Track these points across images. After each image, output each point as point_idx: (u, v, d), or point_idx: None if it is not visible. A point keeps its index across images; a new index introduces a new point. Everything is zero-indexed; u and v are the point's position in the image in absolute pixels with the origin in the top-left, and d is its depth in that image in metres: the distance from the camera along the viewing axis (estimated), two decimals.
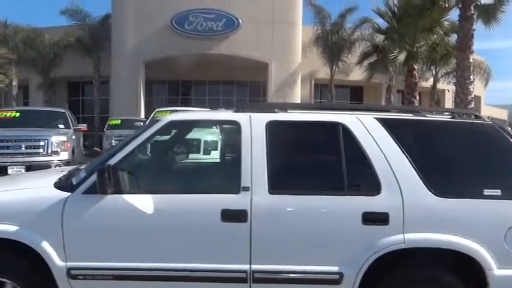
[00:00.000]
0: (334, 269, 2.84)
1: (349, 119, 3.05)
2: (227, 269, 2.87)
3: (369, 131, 3.00)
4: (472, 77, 12.17)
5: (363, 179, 2.96)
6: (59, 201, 2.91)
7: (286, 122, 3.10)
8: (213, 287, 2.93)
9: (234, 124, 3.08)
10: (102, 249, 2.91)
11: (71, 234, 2.89)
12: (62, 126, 10.40)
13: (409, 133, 3.07)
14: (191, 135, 5.33)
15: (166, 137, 3.75)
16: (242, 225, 2.84)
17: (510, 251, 2.82)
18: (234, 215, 2.84)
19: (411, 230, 2.83)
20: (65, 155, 9.33)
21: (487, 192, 2.88)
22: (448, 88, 26.24)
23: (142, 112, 21.61)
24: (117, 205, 2.89)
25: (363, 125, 3.02)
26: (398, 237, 2.82)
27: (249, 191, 2.88)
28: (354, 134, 2.99)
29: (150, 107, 21.43)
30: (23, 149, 8.96)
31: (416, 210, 2.85)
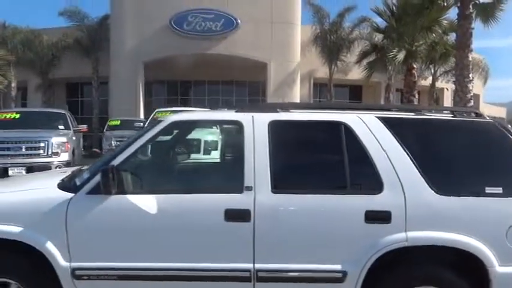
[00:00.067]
0: (337, 267, 2.86)
1: (351, 118, 3.06)
2: (231, 268, 2.88)
3: (370, 130, 3.01)
4: (471, 75, 12.20)
5: (365, 177, 2.98)
6: (62, 202, 2.92)
7: (288, 121, 3.12)
8: (217, 287, 2.94)
9: (236, 124, 3.10)
10: (107, 249, 2.92)
11: (75, 235, 2.90)
12: (62, 127, 10.40)
13: (410, 132, 3.08)
14: (191, 136, 5.34)
15: (168, 137, 3.76)
16: (245, 224, 2.86)
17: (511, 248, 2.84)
18: (237, 215, 2.86)
19: (413, 228, 2.84)
20: (65, 156, 9.34)
21: (489, 190, 2.89)
22: (446, 87, 26.26)
23: (142, 113, 21.60)
24: (121, 205, 2.90)
25: (365, 124, 3.03)
26: (401, 235, 2.84)
27: (252, 190, 2.89)
28: (356, 133, 3.00)
29: (149, 108, 21.43)
30: (24, 150, 8.96)
31: (418, 208, 2.86)
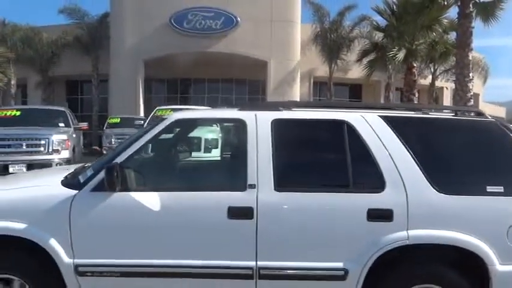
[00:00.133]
0: (339, 265, 2.88)
1: (353, 117, 3.08)
2: (233, 265, 2.89)
3: (373, 128, 3.03)
4: (471, 74, 12.22)
5: (367, 176, 2.99)
6: (66, 199, 2.93)
7: (291, 120, 3.14)
8: (219, 284, 2.96)
9: (239, 122, 3.10)
10: (110, 246, 2.94)
11: (79, 232, 2.91)
12: (62, 124, 10.41)
13: (412, 131, 3.10)
14: (192, 134, 5.35)
15: (169, 135, 3.77)
16: (248, 222, 2.87)
17: None
18: (240, 212, 2.87)
19: (415, 227, 2.86)
20: (65, 154, 9.34)
21: (490, 189, 2.91)
22: (446, 85, 26.27)
23: (142, 110, 21.59)
24: (125, 202, 2.91)
25: (368, 123, 3.05)
26: (403, 233, 2.85)
27: (255, 188, 2.90)
28: (358, 132, 3.02)
29: (149, 106, 21.43)
30: (24, 147, 8.96)
31: (420, 207, 2.88)
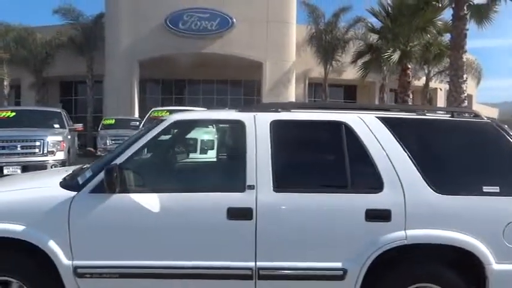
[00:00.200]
0: (338, 265, 2.90)
1: (351, 118, 3.10)
2: (233, 266, 2.90)
3: (371, 129, 3.05)
4: (465, 76, 12.31)
5: (365, 176, 3.02)
6: (65, 200, 2.93)
7: (290, 121, 3.15)
8: (218, 285, 2.97)
9: (238, 123, 3.12)
10: (109, 247, 2.94)
11: (78, 233, 2.91)
12: (57, 126, 10.35)
13: (410, 132, 3.13)
14: (188, 135, 5.34)
15: (166, 136, 3.77)
16: (247, 223, 2.89)
17: (508, 246, 2.89)
18: (239, 213, 2.89)
19: (413, 227, 2.89)
20: (60, 155, 9.31)
21: (486, 189, 2.95)
22: (440, 87, 26.44)
23: (136, 111, 21.53)
24: (124, 204, 2.92)
25: (365, 124, 3.07)
26: (400, 233, 2.88)
27: (254, 189, 2.92)
28: (356, 133, 3.04)
29: (143, 106, 21.38)
30: (19, 149, 8.92)
31: (417, 207, 2.91)
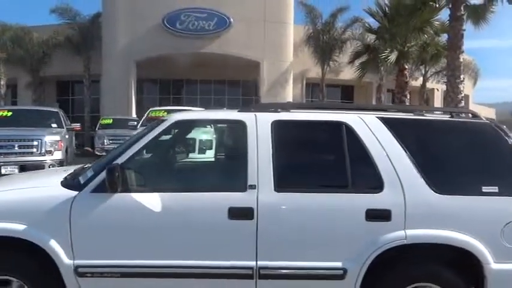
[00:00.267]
0: (338, 264, 2.92)
1: (352, 119, 3.12)
2: (234, 265, 2.92)
3: (371, 130, 3.07)
4: (462, 76, 12.36)
5: (366, 177, 3.04)
6: (66, 200, 2.93)
7: (291, 121, 3.17)
8: (219, 284, 2.98)
9: (239, 124, 3.13)
10: (111, 247, 2.94)
11: (79, 233, 2.92)
12: (55, 125, 10.35)
13: (410, 132, 3.15)
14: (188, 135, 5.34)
15: (169, 136, 3.78)
16: (249, 222, 2.90)
17: (506, 246, 2.92)
18: (240, 213, 2.90)
19: (412, 226, 2.91)
20: (58, 155, 9.30)
21: (485, 189, 2.97)
22: (437, 87, 26.53)
23: (134, 111, 21.49)
24: (126, 203, 2.92)
25: (366, 124, 3.09)
26: (400, 233, 2.90)
27: (256, 189, 2.93)
28: (357, 133, 3.06)
29: (140, 106, 21.35)
30: (16, 148, 8.91)
31: (417, 207, 2.93)
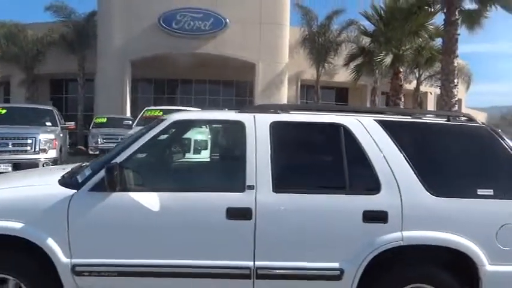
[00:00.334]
0: (335, 265, 2.94)
1: (350, 121, 3.14)
2: (231, 265, 2.93)
3: (369, 132, 3.10)
4: (456, 80, 12.47)
5: (363, 178, 3.06)
6: (64, 199, 2.93)
7: (289, 122, 3.19)
8: (217, 283, 2.99)
9: (238, 124, 3.14)
10: (108, 246, 2.94)
11: (77, 231, 2.91)
12: (49, 124, 10.28)
13: (407, 135, 3.18)
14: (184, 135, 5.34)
15: (167, 136, 3.78)
16: (247, 222, 2.91)
17: (501, 248, 2.95)
18: (239, 213, 2.91)
19: (409, 228, 2.94)
20: (52, 153, 9.24)
21: (481, 192, 3.00)
22: (430, 91, 26.75)
23: (128, 111, 21.42)
24: (124, 203, 2.92)
25: (364, 126, 3.12)
26: (397, 234, 2.93)
27: (254, 189, 2.95)
28: (354, 135, 3.08)
29: (135, 106, 21.29)
30: (10, 146, 8.84)
31: (414, 209, 2.96)
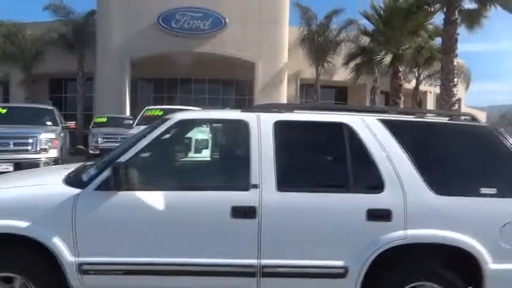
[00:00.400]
0: (339, 263, 2.96)
1: (353, 120, 3.16)
2: (236, 263, 2.95)
3: (372, 131, 3.12)
4: (455, 79, 12.50)
5: (367, 177, 3.09)
6: (70, 198, 2.95)
7: (293, 122, 3.21)
8: (222, 282, 3.01)
9: (242, 123, 3.15)
10: (114, 244, 2.96)
11: (82, 230, 2.93)
12: (49, 123, 10.26)
13: (410, 134, 3.20)
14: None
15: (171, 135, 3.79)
16: (251, 221, 2.93)
17: (504, 246, 2.98)
18: (243, 212, 2.93)
19: (412, 227, 2.96)
20: (53, 153, 9.22)
21: (483, 190, 3.03)
22: (429, 90, 26.79)
23: (128, 110, 21.40)
24: (129, 202, 2.94)
25: (367, 125, 3.14)
26: (400, 233, 2.95)
27: (258, 188, 2.96)
28: (358, 134, 3.10)
29: (134, 105, 21.27)
30: (11, 146, 8.81)
31: (417, 207, 2.98)
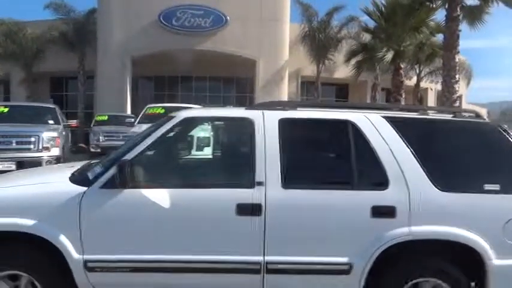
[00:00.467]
0: (344, 260, 2.98)
1: (358, 117, 3.17)
2: (241, 260, 2.97)
3: (377, 128, 3.13)
4: (457, 76, 12.49)
5: (371, 174, 3.10)
6: (76, 196, 2.96)
7: (297, 119, 3.22)
8: (227, 278, 3.03)
9: (247, 121, 3.16)
10: (120, 242, 2.98)
11: (89, 228, 2.95)
12: (51, 122, 10.28)
13: (414, 131, 3.21)
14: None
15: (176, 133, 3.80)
16: (256, 218, 2.95)
17: (507, 242, 2.99)
18: (249, 209, 2.95)
19: (417, 223, 2.97)
20: (55, 151, 9.23)
21: (487, 187, 3.04)
22: (430, 87, 26.75)
23: (129, 108, 21.41)
24: (135, 199, 2.96)
25: (371, 123, 3.15)
26: (405, 229, 2.97)
27: (263, 185, 2.98)
28: (362, 132, 3.12)
29: (135, 103, 21.28)
30: (14, 144, 8.83)
31: (422, 204, 2.99)
